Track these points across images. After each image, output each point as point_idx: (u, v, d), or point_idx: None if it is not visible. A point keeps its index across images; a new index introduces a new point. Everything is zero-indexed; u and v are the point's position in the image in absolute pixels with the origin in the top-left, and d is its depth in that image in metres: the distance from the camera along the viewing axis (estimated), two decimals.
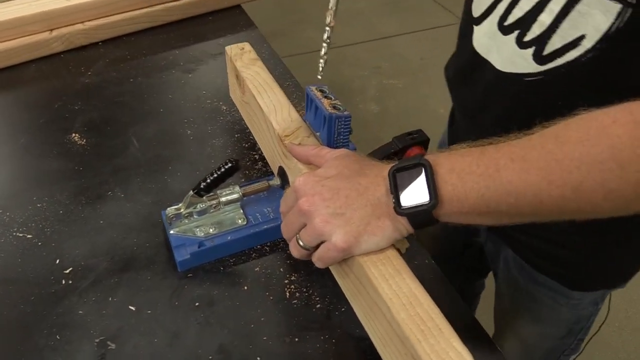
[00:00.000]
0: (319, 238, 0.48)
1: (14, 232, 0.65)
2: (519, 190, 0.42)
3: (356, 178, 0.48)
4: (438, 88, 2.34)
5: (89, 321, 0.57)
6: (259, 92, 0.67)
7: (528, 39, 0.53)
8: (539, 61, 0.52)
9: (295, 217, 0.49)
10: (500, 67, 0.57)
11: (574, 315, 0.74)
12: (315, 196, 0.47)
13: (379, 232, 0.47)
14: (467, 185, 0.44)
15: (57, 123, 0.81)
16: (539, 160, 0.41)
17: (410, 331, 0.45)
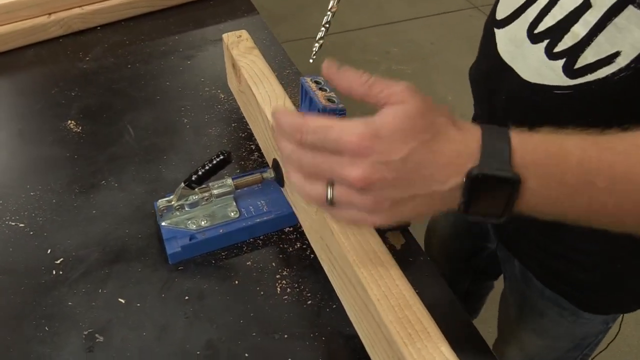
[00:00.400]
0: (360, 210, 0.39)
1: (6, 220, 0.65)
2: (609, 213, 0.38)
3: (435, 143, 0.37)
4: (447, 74, 2.31)
5: (78, 313, 0.56)
6: (254, 82, 0.66)
7: (559, 50, 0.49)
8: (569, 75, 0.49)
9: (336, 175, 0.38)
10: (525, 76, 0.54)
11: (581, 332, 0.72)
12: (377, 178, 0.37)
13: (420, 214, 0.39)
14: (553, 198, 0.37)
15: (54, 109, 0.80)
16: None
17: (398, 334, 0.44)
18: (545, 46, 0.50)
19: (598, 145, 0.37)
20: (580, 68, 0.48)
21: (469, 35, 2.46)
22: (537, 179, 0.37)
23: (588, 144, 0.38)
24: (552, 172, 0.37)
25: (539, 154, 0.37)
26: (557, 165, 0.37)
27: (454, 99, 2.16)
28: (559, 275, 0.65)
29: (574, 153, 0.37)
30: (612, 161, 0.36)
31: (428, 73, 2.27)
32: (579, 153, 0.37)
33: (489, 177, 0.36)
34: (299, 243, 0.63)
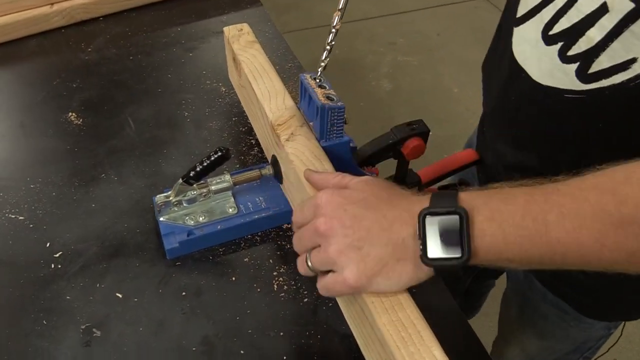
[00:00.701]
0: (329, 266, 0.44)
1: (6, 213, 0.65)
2: (567, 249, 0.38)
3: (382, 209, 0.44)
4: (453, 66, 2.28)
5: (76, 307, 0.57)
6: (254, 77, 0.65)
7: (573, 54, 0.48)
8: (582, 79, 0.48)
9: (309, 234, 0.45)
10: (537, 78, 0.53)
11: (582, 336, 0.71)
12: (335, 220, 0.43)
13: (394, 276, 0.43)
14: (509, 238, 0.39)
15: (55, 101, 0.80)
16: (593, 220, 0.37)
17: (391, 337, 0.43)
18: (559, 49, 0.49)
19: (544, 190, 0.40)
20: (594, 73, 0.47)
21: (475, 27, 2.43)
22: (486, 217, 0.40)
23: (533, 189, 0.40)
24: (502, 212, 0.40)
25: (486, 198, 0.41)
26: (505, 207, 0.40)
27: (459, 91, 2.14)
28: (561, 279, 0.65)
29: (521, 197, 0.40)
30: (559, 202, 0.38)
31: (434, 65, 2.25)
32: (525, 197, 0.40)
33: (436, 214, 0.41)
34: None
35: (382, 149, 0.66)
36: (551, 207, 0.39)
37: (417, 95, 2.12)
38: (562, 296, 0.66)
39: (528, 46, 0.54)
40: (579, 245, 0.38)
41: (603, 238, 0.37)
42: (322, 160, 0.56)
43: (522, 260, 0.40)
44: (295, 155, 0.56)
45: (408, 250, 0.42)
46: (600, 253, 0.37)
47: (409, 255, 0.42)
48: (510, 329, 0.80)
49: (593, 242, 0.37)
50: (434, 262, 0.41)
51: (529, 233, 0.39)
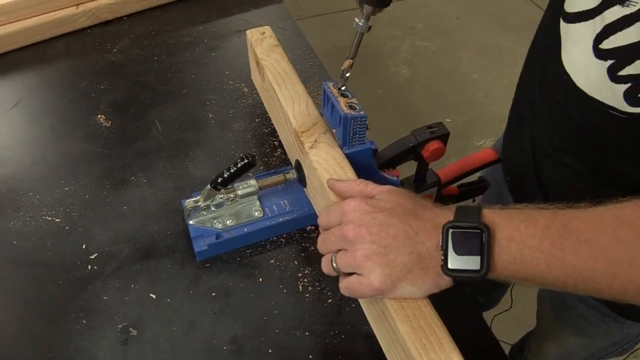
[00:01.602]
0: (355, 269, 0.46)
1: (43, 215, 0.68)
2: (581, 275, 0.40)
3: (408, 219, 0.45)
4: (473, 51, 2.26)
5: (112, 307, 0.60)
6: (277, 83, 0.67)
7: (625, 74, 0.45)
8: (630, 102, 0.45)
9: (336, 239, 0.48)
10: (582, 86, 0.50)
11: (622, 334, 0.72)
12: (362, 227, 0.45)
13: (418, 282, 0.45)
14: (526, 259, 0.41)
15: (83, 103, 0.82)
16: (609, 250, 0.39)
17: (412, 344, 0.46)
18: (609, 66, 0.45)
19: (564, 216, 0.42)
20: None
21: (495, 11, 2.39)
22: (505, 236, 0.42)
23: (554, 214, 0.42)
24: (521, 233, 0.42)
25: (507, 217, 0.43)
26: (525, 229, 0.42)
27: (479, 76, 2.12)
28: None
29: (541, 220, 0.42)
30: (577, 229, 0.40)
31: (453, 50, 2.23)
32: (545, 221, 0.42)
33: (459, 228, 0.43)
34: None
35: (403, 152, 0.68)
36: (569, 234, 0.41)
37: (435, 80, 2.11)
38: (601, 300, 0.66)
39: (577, 51, 0.49)
40: (592, 273, 0.40)
41: (616, 268, 0.38)
42: (345, 167, 0.58)
43: (535, 280, 0.43)
44: (319, 163, 0.58)
45: (431, 259, 0.45)
46: (612, 282, 0.39)
47: (432, 265, 0.45)
48: (550, 327, 0.81)
49: (606, 270, 0.39)
50: (453, 273, 0.43)
51: (546, 256, 0.41)
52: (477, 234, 0.43)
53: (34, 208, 0.69)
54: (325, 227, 0.51)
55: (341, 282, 0.49)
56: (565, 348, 0.80)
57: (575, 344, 0.77)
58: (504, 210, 0.45)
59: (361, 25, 0.57)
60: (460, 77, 2.12)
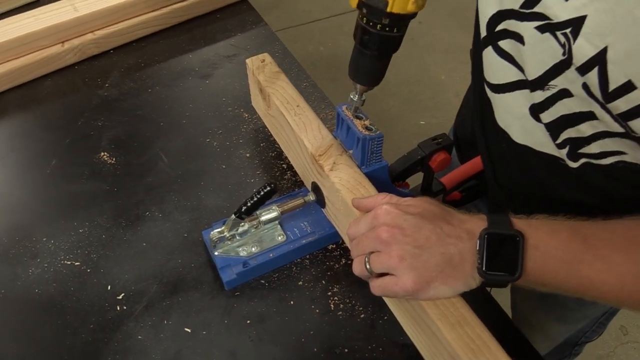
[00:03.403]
0: (389, 270, 0.48)
1: (61, 260, 0.68)
2: (593, 286, 0.45)
3: (438, 221, 0.48)
4: (438, 54, 2.33)
5: (148, 346, 0.60)
6: (286, 110, 0.69)
7: (561, 140, 0.50)
8: (572, 159, 0.51)
9: (369, 241, 0.50)
10: (528, 144, 0.55)
11: (599, 310, 0.77)
12: (396, 229, 0.48)
13: (450, 282, 0.47)
14: (548, 267, 0.45)
15: (84, 142, 0.82)
16: (621, 266, 0.43)
17: (461, 349, 0.48)
18: (550, 135, 0.51)
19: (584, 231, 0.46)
20: (584, 154, 0.50)
21: (455, 11, 2.47)
22: (532, 245, 0.46)
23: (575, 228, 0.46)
24: (546, 243, 0.46)
25: (534, 227, 0.47)
26: (550, 240, 0.46)
27: (447, 78, 2.19)
28: None
29: (564, 233, 0.46)
30: (595, 245, 0.45)
31: (420, 54, 2.29)
32: (567, 234, 0.46)
33: (497, 235, 0.46)
34: (343, 259, 0.67)
35: (412, 164, 0.70)
36: (587, 249, 0.45)
37: (405, 86, 2.16)
38: None
39: (511, 117, 0.55)
40: (603, 284, 0.45)
41: (627, 283, 0.43)
42: (366, 185, 0.60)
43: (552, 286, 0.47)
44: (341, 185, 0.60)
45: (464, 261, 0.47)
46: (619, 293, 0.44)
47: (463, 266, 0.47)
48: (529, 316, 0.85)
49: (616, 283, 0.44)
50: (489, 276, 0.47)
51: (566, 267, 0.45)
52: (513, 240, 0.46)
53: (50, 253, 0.68)
54: (355, 236, 0.53)
55: (374, 282, 0.51)
56: (550, 337, 0.84)
57: (559, 331, 0.82)
58: (530, 220, 0.48)
59: (355, 101, 0.60)
60: (429, 80, 2.18)
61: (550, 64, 0.46)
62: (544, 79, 0.47)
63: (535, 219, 0.49)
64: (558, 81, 0.46)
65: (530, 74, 0.49)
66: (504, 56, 0.52)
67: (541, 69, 0.47)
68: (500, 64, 0.52)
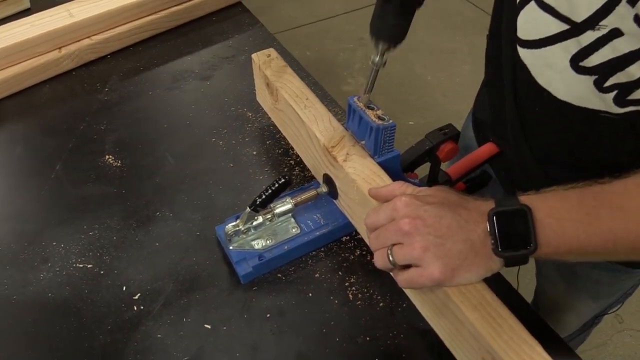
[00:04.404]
0: (414, 261, 0.48)
1: (73, 263, 0.67)
2: (617, 238, 0.45)
3: (457, 209, 0.49)
4: (424, 55, 2.36)
5: (169, 344, 0.60)
6: (296, 103, 0.69)
7: (610, 84, 0.51)
8: (619, 104, 0.51)
9: (390, 234, 0.50)
10: (566, 99, 0.55)
11: (629, 284, 0.78)
12: (417, 220, 0.48)
13: (474, 268, 0.48)
14: (567, 232, 0.46)
15: (88, 146, 0.81)
16: (637, 212, 0.44)
17: (484, 329, 0.49)
18: (595, 80, 0.51)
19: (592, 190, 0.47)
20: (632, 100, 0.50)
21: (439, 13, 2.51)
22: (545, 215, 0.46)
23: (583, 190, 0.47)
24: (559, 209, 0.46)
25: (543, 198, 0.48)
26: (561, 205, 0.47)
27: (433, 78, 2.22)
28: None
29: (574, 196, 0.47)
30: (607, 198, 0.46)
31: (405, 55, 2.32)
32: (577, 196, 0.47)
33: (503, 213, 0.47)
34: (358, 250, 0.68)
35: (420, 155, 0.71)
36: (601, 203, 0.46)
37: (392, 87, 2.18)
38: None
39: (552, 71, 0.55)
40: (626, 233, 0.45)
41: None
42: (380, 174, 0.61)
43: (579, 250, 0.47)
44: (356, 175, 0.61)
45: (482, 245, 0.48)
46: None
47: (484, 250, 0.48)
48: (564, 300, 0.85)
49: (638, 228, 0.44)
50: (505, 254, 0.47)
51: (584, 226, 0.46)
52: (522, 214, 0.47)
53: (61, 257, 0.67)
54: (374, 226, 0.53)
55: (399, 275, 0.51)
56: (582, 315, 0.86)
57: (592, 308, 0.84)
58: (538, 193, 0.49)
59: (377, 62, 0.60)
60: (415, 80, 2.20)
61: (600, 2, 0.46)
62: (594, 19, 0.48)
63: (545, 191, 0.49)
64: (609, 20, 0.47)
65: (580, 16, 0.49)
66: (546, 9, 0.52)
67: (591, 8, 0.47)
68: (541, 19, 0.53)
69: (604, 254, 0.47)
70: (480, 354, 0.50)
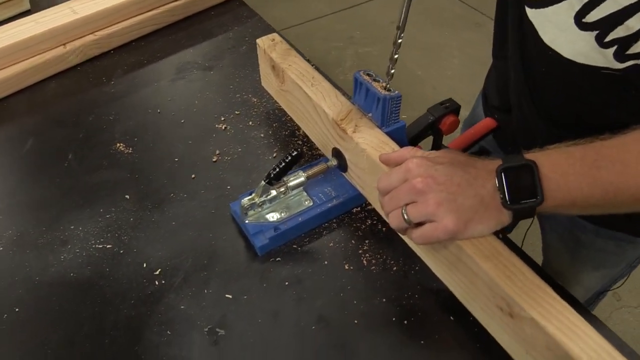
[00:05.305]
0: (428, 217, 0.51)
1: (92, 244, 0.69)
2: (618, 189, 0.48)
3: (466, 167, 0.52)
4: (412, 50, 2.40)
5: (193, 314, 0.61)
6: (303, 82, 0.72)
7: (610, 39, 0.52)
8: (619, 59, 0.53)
9: (404, 194, 0.52)
10: (570, 57, 0.57)
11: (636, 253, 0.80)
12: (429, 178, 0.51)
13: (485, 221, 0.51)
14: (570, 185, 0.49)
15: (98, 135, 0.83)
16: (636, 164, 0.47)
17: (498, 277, 0.52)
18: (596, 35, 0.53)
19: (593, 145, 0.50)
20: (631, 54, 0.52)
21: (425, 9, 2.56)
22: (549, 169, 0.50)
23: (585, 146, 0.50)
24: (561, 164, 0.50)
25: (546, 154, 0.51)
26: (564, 160, 0.50)
27: (423, 73, 2.26)
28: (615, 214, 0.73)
29: (576, 151, 0.50)
30: (607, 153, 0.49)
31: None
32: (579, 151, 0.50)
33: (510, 168, 0.50)
34: (369, 220, 0.70)
35: (423, 128, 0.74)
36: (602, 157, 0.49)
37: None
38: (616, 227, 0.75)
39: (557, 29, 0.57)
40: (626, 185, 0.48)
41: None
42: (389, 143, 0.64)
43: (582, 202, 0.50)
44: (366, 144, 0.63)
45: (492, 199, 0.51)
46: None
47: (492, 204, 0.51)
48: (569, 272, 0.87)
49: (637, 180, 0.47)
50: (514, 207, 0.50)
51: (587, 178, 0.49)
52: (528, 168, 0.50)
53: (80, 240, 0.69)
54: (387, 189, 0.55)
55: (414, 232, 0.53)
56: (587, 287, 0.88)
57: (597, 278, 0.86)
58: (541, 150, 0.52)
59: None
60: (406, 75, 2.24)
61: None
62: None
63: (547, 149, 0.52)
64: None
65: None
66: None
67: None
68: None
69: (606, 206, 0.50)
70: (495, 302, 0.53)
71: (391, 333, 0.59)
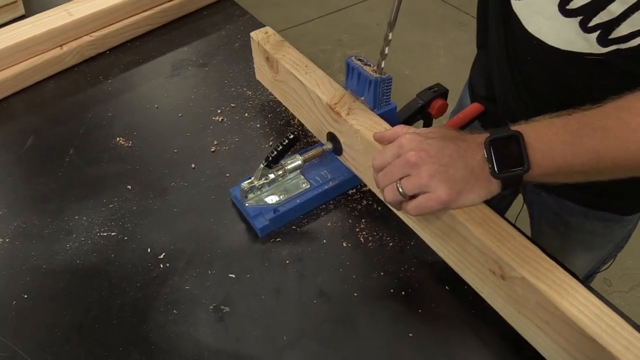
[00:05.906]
0: (422, 188, 0.53)
1: (97, 233, 0.71)
2: (600, 155, 0.50)
3: (456, 141, 0.55)
4: (398, 50, 2.45)
5: (197, 294, 0.64)
6: (297, 70, 0.75)
7: (593, 24, 0.55)
8: (602, 44, 0.55)
9: (398, 168, 0.55)
10: (555, 44, 0.60)
11: (622, 233, 0.83)
12: (422, 152, 0.54)
13: (476, 190, 0.53)
14: (555, 153, 0.51)
15: (98, 131, 0.85)
16: (616, 129, 0.49)
17: (490, 241, 0.54)
18: (580, 21, 0.55)
19: (575, 114, 0.53)
20: (613, 38, 0.54)
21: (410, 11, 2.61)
22: (534, 139, 0.52)
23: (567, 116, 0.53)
24: (546, 133, 0.52)
25: (531, 126, 0.53)
26: (548, 130, 0.52)
27: (410, 72, 2.30)
28: (602, 194, 0.75)
29: (559, 121, 0.52)
30: (588, 121, 0.51)
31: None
32: (562, 121, 0.53)
33: (498, 139, 0.53)
34: (364, 201, 0.73)
35: (413, 113, 0.78)
36: (583, 125, 0.51)
37: None
38: (604, 208, 0.77)
39: (542, 18, 0.60)
40: (608, 150, 0.50)
41: (626, 141, 0.49)
42: (381, 123, 0.67)
43: (567, 169, 0.52)
44: (360, 125, 0.66)
45: (481, 170, 0.54)
46: (625, 153, 0.50)
47: (483, 174, 0.54)
48: (561, 256, 0.88)
49: (619, 146, 0.50)
50: (502, 175, 0.53)
51: (570, 146, 0.51)
52: (514, 138, 0.53)
53: (85, 228, 0.71)
54: (381, 165, 0.58)
55: (409, 204, 0.56)
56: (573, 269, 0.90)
57: (586, 260, 0.88)
58: (527, 122, 0.55)
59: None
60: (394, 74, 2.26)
61: None
62: None
63: (532, 120, 0.55)
64: None
65: None
66: None
67: None
68: None
69: (590, 172, 0.53)
70: (488, 266, 0.56)
71: (390, 304, 0.62)
